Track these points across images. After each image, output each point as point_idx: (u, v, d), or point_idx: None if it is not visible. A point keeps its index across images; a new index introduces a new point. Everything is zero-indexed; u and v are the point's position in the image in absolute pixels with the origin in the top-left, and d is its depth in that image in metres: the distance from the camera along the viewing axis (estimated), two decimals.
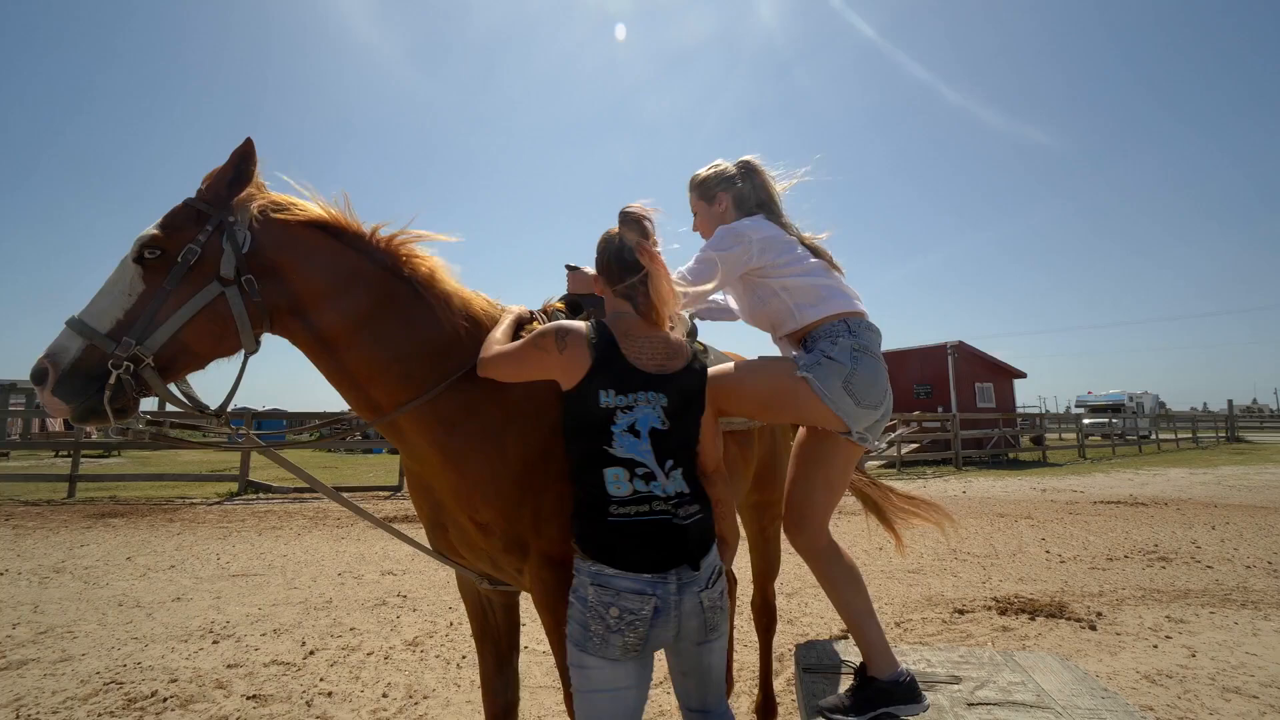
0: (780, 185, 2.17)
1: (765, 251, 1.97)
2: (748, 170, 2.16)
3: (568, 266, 2.25)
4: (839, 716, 1.77)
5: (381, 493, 11.02)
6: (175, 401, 1.55)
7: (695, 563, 1.40)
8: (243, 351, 1.61)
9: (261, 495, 10.44)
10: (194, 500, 9.78)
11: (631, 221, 1.58)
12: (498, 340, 1.68)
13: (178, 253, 1.50)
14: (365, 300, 1.65)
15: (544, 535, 1.63)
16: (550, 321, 1.91)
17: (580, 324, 1.54)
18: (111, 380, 1.41)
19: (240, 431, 1.79)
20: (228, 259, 1.52)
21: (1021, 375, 22.14)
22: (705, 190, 2.19)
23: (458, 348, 1.71)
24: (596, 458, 1.44)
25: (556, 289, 2.12)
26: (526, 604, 2.16)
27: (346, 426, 2.30)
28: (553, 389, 1.61)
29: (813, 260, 2.04)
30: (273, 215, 1.62)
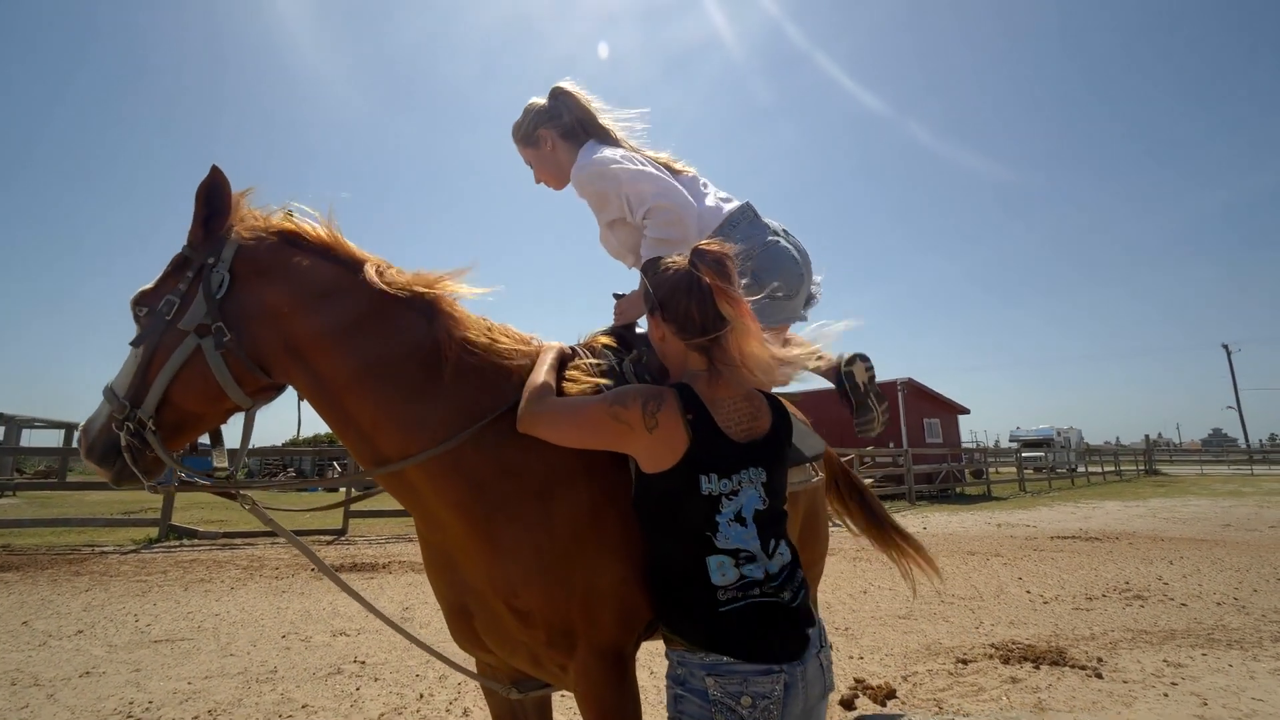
0: (597, 107, 1.99)
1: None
2: (560, 97, 1.99)
3: (615, 296, 2.04)
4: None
5: (324, 537, 10.16)
6: (172, 464, 1.45)
7: (806, 635, 1.26)
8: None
9: (185, 542, 9.42)
10: (105, 548, 8.69)
11: (712, 262, 1.33)
12: (542, 385, 1.41)
13: (158, 307, 1.44)
14: (362, 325, 1.42)
15: (597, 623, 1.36)
16: (594, 359, 1.64)
17: (666, 391, 1.30)
18: (123, 444, 1.40)
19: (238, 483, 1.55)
20: (196, 307, 1.41)
21: (965, 411, 23.03)
22: (526, 135, 2.01)
23: (484, 389, 1.44)
24: (697, 547, 1.25)
25: (530, 315, 1.89)
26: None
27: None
28: None
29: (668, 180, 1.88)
30: (242, 245, 1.44)
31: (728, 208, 1.85)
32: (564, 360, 1.56)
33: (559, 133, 1.95)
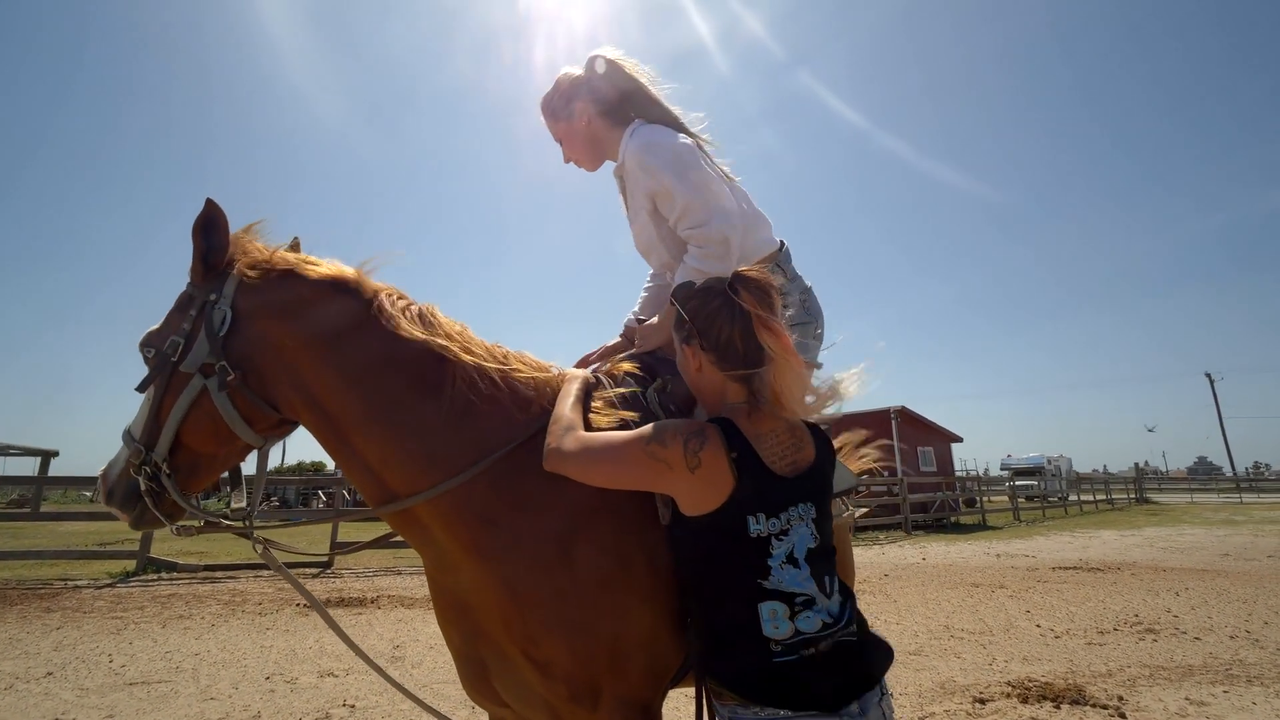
0: (647, 79, 1.76)
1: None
2: (601, 67, 1.75)
3: (637, 320, 1.97)
4: None
5: (309, 570, 9.82)
6: (189, 509, 1.41)
7: (876, 677, 1.17)
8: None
9: (164, 575, 9.06)
10: (79, 582, 8.33)
11: (756, 289, 1.26)
12: (569, 419, 1.31)
13: (164, 348, 1.39)
14: (368, 355, 1.36)
15: (624, 675, 1.26)
16: (618, 387, 1.56)
17: (709, 427, 1.21)
18: (143, 488, 1.36)
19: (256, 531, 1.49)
20: (200, 346, 1.36)
21: (959, 439, 23.03)
22: (558, 109, 1.77)
23: (500, 421, 1.36)
24: (747, 593, 1.15)
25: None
26: None
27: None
28: None
29: (725, 178, 1.73)
30: (243, 279, 1.38)
31: (777, 238, 1.76)
32: (588, 388, 1.47)
33: (597, 108, 1.74)
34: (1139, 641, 5.42)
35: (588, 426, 1.36)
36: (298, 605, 6.91)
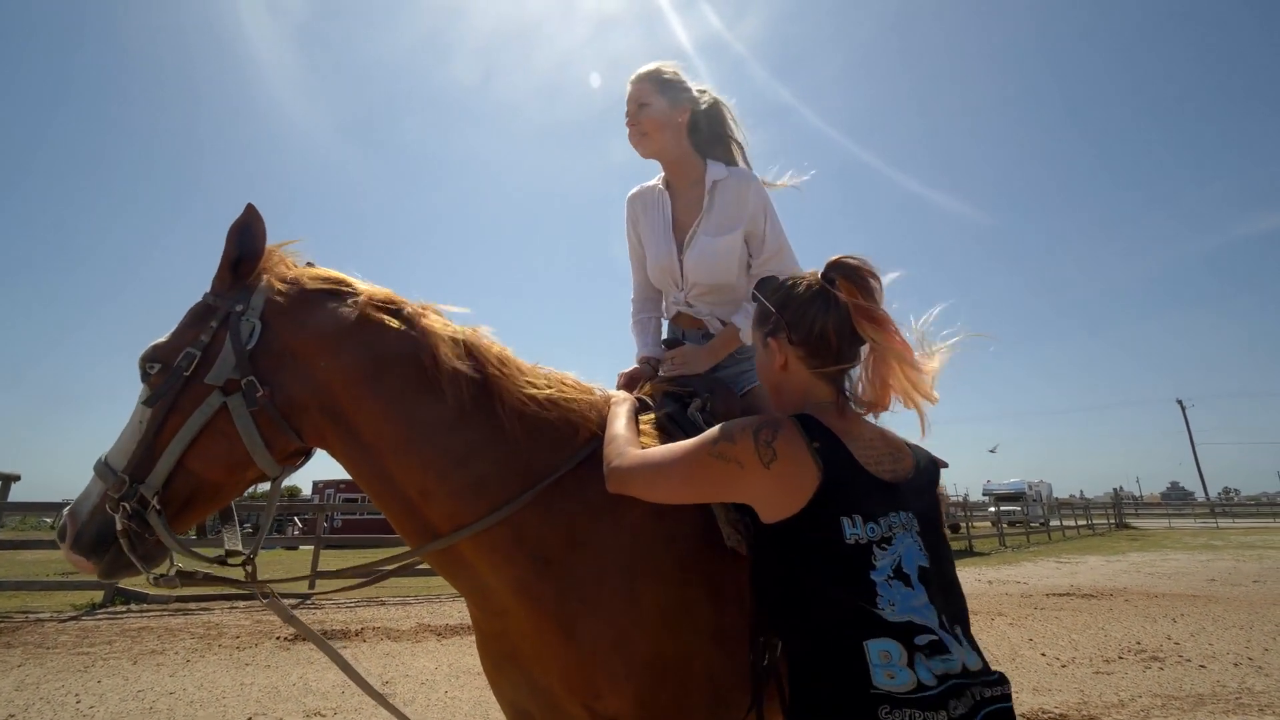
0: (742, 131, 1.96)
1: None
2: (705, 94, 1.89)
3: (666, 343, 1.95)
4: None
5: (288, 600, 9.42)
6: (180, 550, 1.23)
7: None
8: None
9: (134, 607, 8.62)
10: (41, 615, 7.87)
11: (856, 277, 1.16)
12: (626, 438, 1.23)
13: (175, 362, 1.25)
14: (409, 377, 1.26)
15: None
16: (655, 408, 1.49)
17: (782, 418, 1.10)
18: (119, 526, 1.18)
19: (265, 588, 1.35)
20: (224, 359, 1.23)
21: (944, 464, 23.06)
22: (670, 86, 1.81)
23: (549, 446, 1.28)
24: (849, 623, 0.96)
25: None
26: None
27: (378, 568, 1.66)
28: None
29: None
30: (276, 291, 1.28)
31: None
32: (635, 412, 1.41)
33: (690, 120, 1.84)
34: (1145, 670, 5.36)
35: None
36: (278, 639, 6.59)
